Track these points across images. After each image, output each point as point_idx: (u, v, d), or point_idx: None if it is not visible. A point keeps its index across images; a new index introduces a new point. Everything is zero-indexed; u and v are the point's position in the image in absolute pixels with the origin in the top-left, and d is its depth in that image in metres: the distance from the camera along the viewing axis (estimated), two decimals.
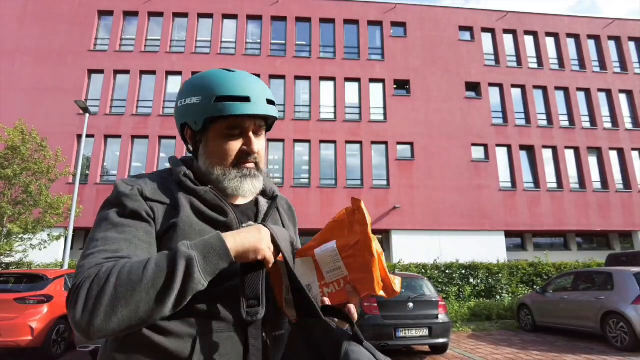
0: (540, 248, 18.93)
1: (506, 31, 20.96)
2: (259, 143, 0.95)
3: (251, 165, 0.94)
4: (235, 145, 0.92)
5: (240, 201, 0.97)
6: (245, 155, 0.93)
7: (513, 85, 20.15)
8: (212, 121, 0.90)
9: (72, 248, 14.70)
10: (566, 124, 19.99)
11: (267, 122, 0.99)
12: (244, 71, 0.95)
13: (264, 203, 1.01)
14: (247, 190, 0.93)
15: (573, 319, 8.21)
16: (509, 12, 21.11)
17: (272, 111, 0.93)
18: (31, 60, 18.19)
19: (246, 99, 0.89)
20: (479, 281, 12.46)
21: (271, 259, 0.81)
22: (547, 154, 19.48)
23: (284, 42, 19.70)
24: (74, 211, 12.02)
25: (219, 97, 0.89)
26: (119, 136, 17.91)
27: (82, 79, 18.34)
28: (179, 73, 18.86)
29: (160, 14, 19.59)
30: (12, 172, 11.24)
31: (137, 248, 0.80)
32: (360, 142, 18.54)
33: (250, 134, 0.93)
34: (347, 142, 18.51)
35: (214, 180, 0.93)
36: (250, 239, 0.80)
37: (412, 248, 16.51)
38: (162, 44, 19.18)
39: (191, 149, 0.98)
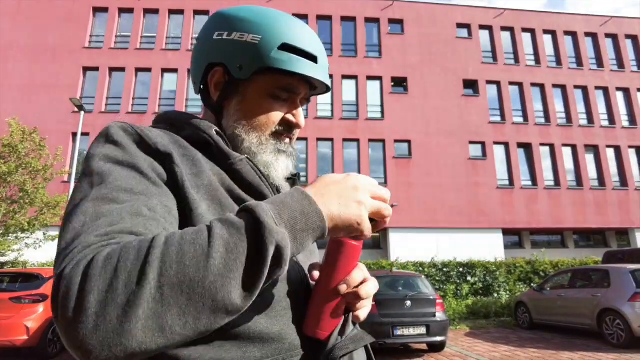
0: (538, 246, 19.00)
1: (503, 28, 20.95)
2: (302, 113, 0.76)
3: (290, 139, 0.76)
4: (280, 111, 0.72)
5: None
6: (287, 126, 0.73)
7: (510, 83, 20.17)
8: (263, 72, 0.69)
9: None
10: (563, 121, 20.03)
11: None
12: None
13: (285, 185, 0.76)
14: (281, 170, 0.72)
15: (570, 316, 8.23)
16: (506, 10, 21.10)
17: (328, 81, 0.75)
18: (25, 58, 18.03)
19: (314, 59, 0.71)
20: (476, 279, 12.48)
21: (370, 232, 0.56)
22: (545, 152, 19.52)
23: None
24: None
25: (286, 46, 0.68)
26: None
27: (77, 77, 18.21)
28: (174, 70, 18.75)
29: (156, 11, 19.45)
30: (7, 168, 11.15)
31: (161, 224, 0.53)
32: (357, 140, 18.52)
33: (299, 102, 0.75)
34: (344, 139, 18.47)
35: (244, 149, 0.71)
36: (353, 206, 0.53)
37: (409, 246, 16.52)
38: (157, 41, 19.06)
39: (214, 99, 0.73)
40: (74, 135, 16.92)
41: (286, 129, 0.74)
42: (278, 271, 0.47)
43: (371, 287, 0.61)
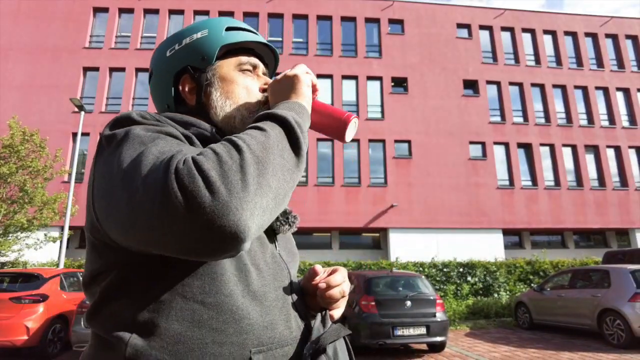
0: (538, 246, 18.99)
1: (504, 28, 20.95)
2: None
3: None
4: (254, 84, 0.81)
5: None
6: (265, 102, 0.80)
7: (510, 83, 20.16)
8: (223, 57, 0.79)
9: (67, 247, 14.63)
10: (563, 121, 20.03)
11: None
12: None
13: None
14: None
15: (570, 316, 8.23)
16: (506, 10, 21.10)
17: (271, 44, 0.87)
18: (26, 58, 18.03)
19: (254, 33, 0.83)
20: (476, 279, 12.48)
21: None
22: (545, 152, 19.52)
23: (280, 39, 19.61)
24: (70, 209, 11.95)
25: (230, 28, 0.80)
26: None
27: (77, 77, 18.21)
28: None
29: (156, 11, 19.45)
30: (7, 169, 11.15)
31: None
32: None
33: (262, 75, 0.84)
34: None
35: (238, 125, 0.76)
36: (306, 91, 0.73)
37: (409, 246, 16.51)
38: (157, 41, 19.04)
39: (192, 104, 0.79)
40: (74, 135, 16.91)
41: (265, 100, 0.80)
42: (303, 140, 0.63)
43: (345, 288, 0.73)
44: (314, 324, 0.70)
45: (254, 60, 0.82)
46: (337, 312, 0.75)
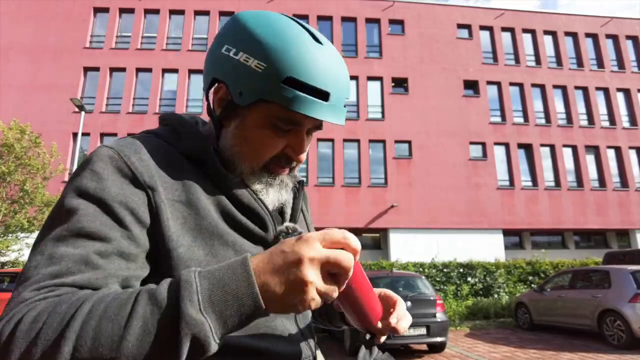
0: (538, 246, 18.98)
1: (504, 29, 20.95)
2: (307, 145, 0.69)
3: (286, 172, 0.71)
4: (280, 143, 0.66)
5: None
6: (285, 160, 0.68)
7: (511, 83, 20.16)
8: (266, 102, 0.63)
9: None
10: (564, 122, 20.02)
11: None
12: (330, 44, 0.67)
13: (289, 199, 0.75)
14: (269, 202, 0.69)
15: (570, 317, 8.22)
16: (506, 10, 21.10)
17: (344, 115, 0.66)
18: (26, 58, 18.04)
19: (324, 96, 0.62)
20: (476, 280, 12.47)
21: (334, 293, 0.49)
22: (545, 152, 19.51)
23: None
24: None
25: (291, 80, 0.60)
26: (115, 134, 17.80)
27: (78, 77, 18.22)
28: (175, 71, 18.76)
29: (157, 11, 19.46)
30: (6, 168, 11.15)
31: (109, 274, 0.52)
32: (357, 140, 18.51)
33: (304, 134, 0.67)
34: (345, 140, 18.47)
35: (237, 175, 0.68)
36: (295, 285, 0.46)
37: (409, 247, 16.52)
38: (158, 42, 19.07)
39: (216, 113, 0.70)
40: (75, 135, 16.92)
41: (284, 161, 0.68)
42: (203, 355, 0.45)
43: (406, 325, 0.69)
44: (360, 353, 0.66)
45: (299, 121, 0.64)
46: (384, 337, 0.71)
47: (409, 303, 6.62)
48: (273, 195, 0.69)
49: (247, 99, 0.62)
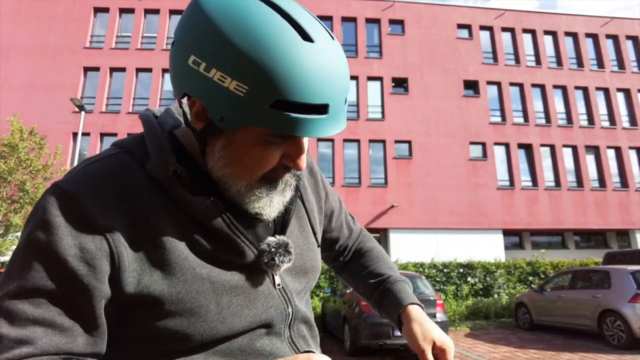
0: (538, 246, 18.97)
1: (504, 29, 20.95)
2: (305, 147, 0.61)
3: (287, 175, 0.64)
4: (276, 156, 0.58)
5: None
6: (284, 170, 0.61)
7: (511, 84, 20.16)
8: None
9: None
10: (564, 122, 20.02)
11: None
12: (324, 35, 0.54)
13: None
14: (274, 211, 0.63)
15: (570, 317, 8.22)
16: (507, 10, 21.10)
17: (345, 118, 0.58)
18: (26, 58, 18.05)
19: (322, 109, 0.52)
20: (476, 280, 12.47)
21: None
22: (545, 152, 19.51)
23: None
24: None
25: (282, 103, 0.50)
26: (114, 134, 17.81)
27: (78, 77, 18.22)
28: None
29: (157, 11, 19.46)
30: (7, 167, 11.14)
31: (67, 332, 0.51)
32: (357, 140, 18.52)
33: (302, 140, 0.59)
34: (345, 140, 18.47)
35: (232, 195, 0.60)
36: None
37: (409, 247, 16.51)
38: (158, 41, 19.07)
39: (195, 127, 0.59)
40: (75, 135, 16.93)
41: (282, 171, 0.61)
42: None
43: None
44: None
45: (294, 136, 0.56)
46: None
47: None
48: (277, 200, 0.63)
49: (230, 124, 0.53)
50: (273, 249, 0.62)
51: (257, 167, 0.58)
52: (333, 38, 0.56)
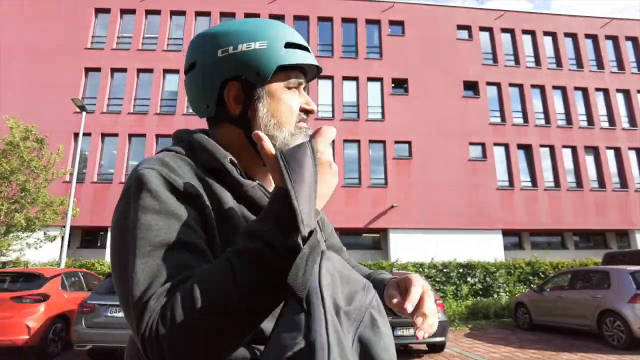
0: (538, 247, 19.00)
1: (504, 30, 20.98)
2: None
3: (307, 123, 0.82)
4: (298, 101, 0.79)
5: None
6: (305, 113, 0.80)
7: (511, 84, 20.18)
8: (276, 72, 0.75)
9: (69, 247, 14.66)
10: (563, 123, 20.05)
11: None
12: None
13: None
14: None
15: (570, 317, 8.24)
16: (506, 11, 21.13)
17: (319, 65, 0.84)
18: (27, 58, 18.07)
19: (307, 49, 0.78)
20: (476, 280, 12.49)
21: None
22: (545, 153, 19.53)
23: None
24: (71, 209, 11.96)
25: (288, 44, 0.75)
26: (115, 134, 17.84)
27: (79, 77, 18.25)
28: (176, 71, 18.79)
29: (158, 12, 19.50)
30: (9, 167, 11.14)
31: (207, 256, 0.63)
32: (357, 141, 18.54)
33: (303, 90, 0.81)
34: (345, 140, 18.50)
35: (278, 146, 0.74)
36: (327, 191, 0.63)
37: (409, 247, 16.53)
38: (159, 42, 19.10)
39: (236, 113, 0.76)
40: (76, 135, 16.95)
41: (304, 115, 0.80)
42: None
43: (431, 305, 0.65)
44: None
45: (300, 78, 0.79)
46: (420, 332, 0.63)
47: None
48: None
49: (267, 73, 0.73)
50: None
51: (290, 111, 0.77)
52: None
